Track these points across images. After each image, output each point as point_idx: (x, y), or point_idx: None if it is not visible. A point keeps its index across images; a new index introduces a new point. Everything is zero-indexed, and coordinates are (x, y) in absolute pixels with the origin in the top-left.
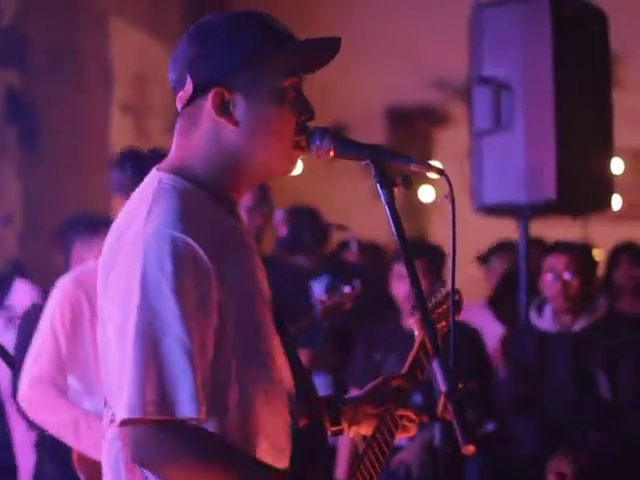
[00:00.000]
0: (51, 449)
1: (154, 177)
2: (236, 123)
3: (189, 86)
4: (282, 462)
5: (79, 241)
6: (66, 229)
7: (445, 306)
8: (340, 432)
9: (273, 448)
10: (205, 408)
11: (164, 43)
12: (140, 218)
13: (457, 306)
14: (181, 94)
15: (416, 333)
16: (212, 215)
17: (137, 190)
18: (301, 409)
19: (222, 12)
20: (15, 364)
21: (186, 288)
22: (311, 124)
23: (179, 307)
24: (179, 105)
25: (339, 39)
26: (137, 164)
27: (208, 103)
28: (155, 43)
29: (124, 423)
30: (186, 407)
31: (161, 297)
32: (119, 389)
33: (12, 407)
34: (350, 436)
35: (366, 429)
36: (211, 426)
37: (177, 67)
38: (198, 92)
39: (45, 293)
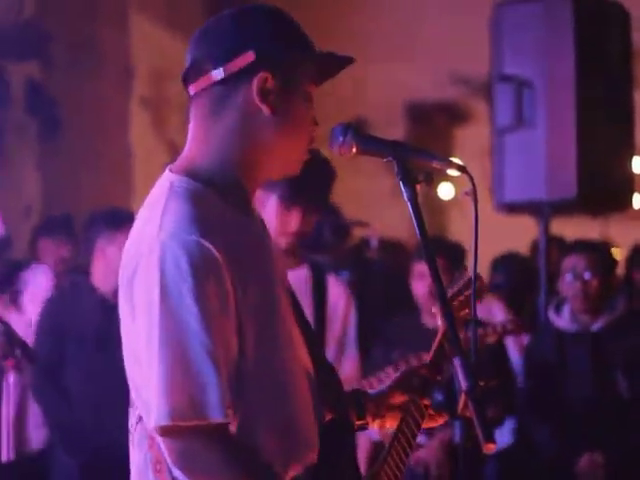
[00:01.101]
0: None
1: (166, 179)
2: (274, 111)
3: (248, 59)
4: (310, 458)
5: (102, 236)
6: (89, 224)
7: (467, 293)
8: (365, 426)
9: (300, 445)
10: (231, 411)
11: (183, 38)
12: (154, 225)
13: (479, 293)
14: (214, 73)
15: (439, 322)
16: (225, 216)
17: (151, 192)
18: (326, 404)
19: (267, 5)
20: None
21: (206, 291)
22: (331, 121)
23: (201, 311)
24: (203, 83)
25: (352, 59)
26: None
27: (249, 85)
28: (174, 38)
29: (159, 432)
30: (215, 411)
31: (182, 302)
32: (149, 398)
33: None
34: (375, 430)
35: (391, 422)
36: (235, 426)
37: (218, 41)
38: (243, 72)
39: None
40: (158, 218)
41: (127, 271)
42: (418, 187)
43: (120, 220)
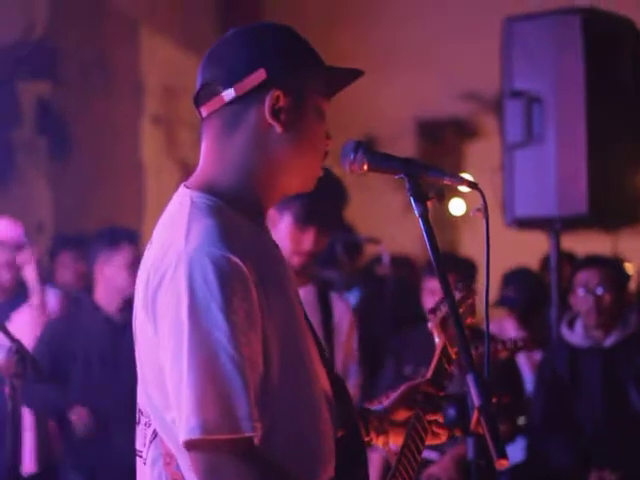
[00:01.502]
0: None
1: (184, 195)
2: (285, 129)
3: (260, 76)
4: (329, 474)
5: (100, 256)
6: (90, 244)
7: (462, 308)
8: (369, 443)
9: (320, 461)
10: (260, 424)
11: (195, 55)
12: (179, 239)
13: (471, 309)
14: (225, 93)
15: (436, 339)
16: (246, 231)
17: (168, 209)
18: (338, 420)
19: (277, 23)
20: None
21: (234, 305)
22: (341, 137)
23: (229, 326)
24: (215, 104)
25: (362, 72)
26: None
27: (260, 104)
28: (186, 55)
29: (188, 446)
30: (246, 425)
31: (210, 316)
32: (178, 412)
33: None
34: (379, 446)
35: (394, 438)
36: (262, 441)
37: (228, 61)
38: (254, 91)
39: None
40: (183, 232)
41: (149, 284)
42: (429, 204)
43: (117, 239)
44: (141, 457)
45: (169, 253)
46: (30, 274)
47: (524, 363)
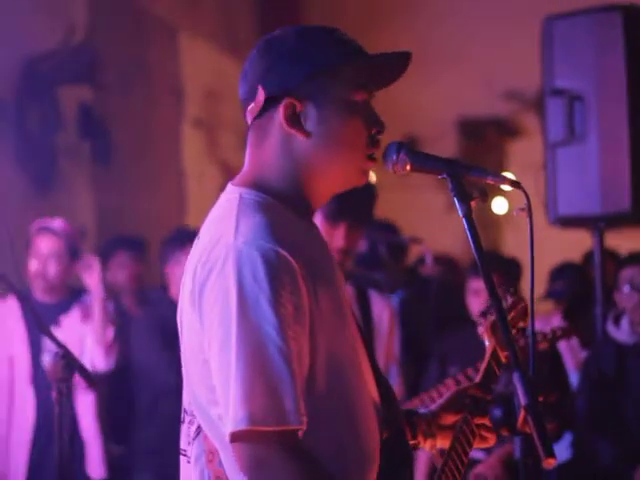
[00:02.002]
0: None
1: (233, 192)
2: (307, 134)
3: (261, 97)
4: (372, 475)
5: (171, 257)
6: (163, 246)
7: (513, 313)
8: (416, 446)
9: (362, 462)
10: (306, 419)
11: (235, 58)
12: (228, 233)
13: (525, 313)
14: (252, 106)
15: (486, 343)
16: (296, 227)
17: (217, 205)
18: (384, 420)
19: (292, 26)
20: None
21: (282, 298)
22: (382, 138)
23: (277, 317)
24: (249, 118)
25: (409, 53)
26: None
27: (279, 114)
28: (226, 58)
29: (235, 438)
30: (293, 417)
31: (259, 309)
32: (225, 405)
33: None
34: (426, 449)
35: (442, 442)
36: (306, 437)
37: (247, 79)
38: (269, 103)
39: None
40: (233, 226)
41: (196, 278)
42: (473, 204)
43: (183, 240)
44: (185, 456)
45: (218, 247)
46: (93, 281)
47: (569, 360)
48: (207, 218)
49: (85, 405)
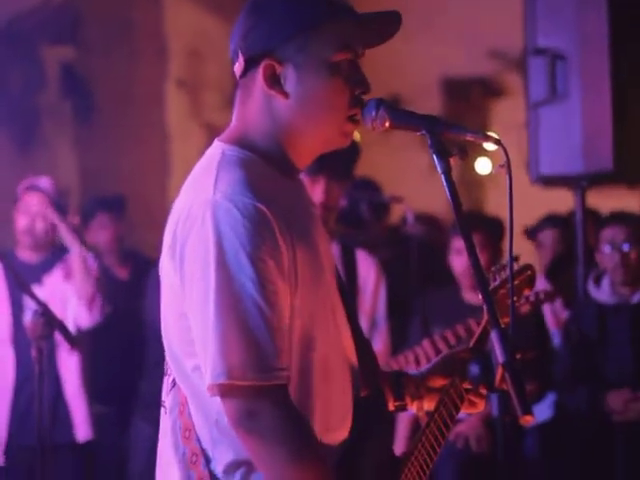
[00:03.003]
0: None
1: (216, 148)
2: (287, 95)
3: (241, 58)
4: (341, 433)
5: None
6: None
7: (520, 279)
8: (403, 407)
9: (332, 417)
10: (288, 373)
11: (220, 17)
12: (208, 188)
13: (530, 281)
14: (236, 66)
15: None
16: (277, 183)
17: (200, 162)
18: (362, 380)
19: None
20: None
21: (262, 252)
22: (366, 97)
23: (256, 272)
24: (237, 76)
25: (398, 14)
26: None
27: (260, 75)
28: (210, 17)
29: (216, 391)
30: (273, 372)
31: (237, 263)
32: (204, 358)
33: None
34: (413, 411)
35: (429, 404)
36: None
37: (234, 39)
38: (251, 64)
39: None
40: (212, 182)
41: (177, 234)
42: (452, 160)
43: None
44: (163, 407)
45: (197, 202)
46: (66, 234)
47: (551, 321)
48: (190, 174)
49: (69, 366)
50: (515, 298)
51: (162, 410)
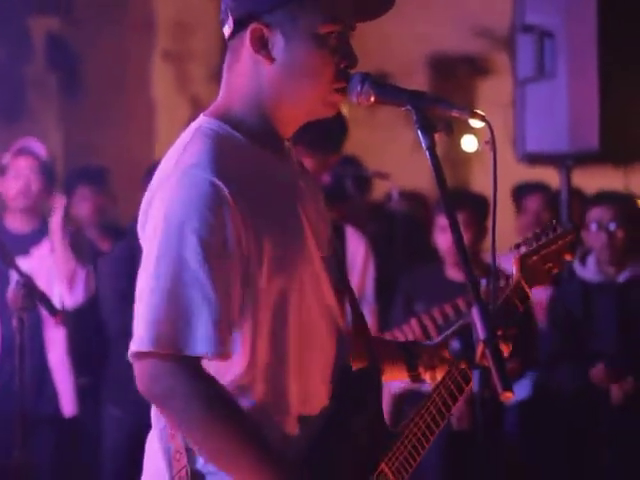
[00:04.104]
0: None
1: (197, 122)
2: (272, 60)
3: (230, 19)
4: (315, 403)
5: None
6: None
7: (560, 243)
8: (417, 378)
9: (311, 385)
10: (226, 349)
11: None
12: (172, 161)
13: (572, 246)
14: (225, 27)
15: (513, 274)
16: (251, 159)
17: (182, 133)
18: (356, 352)
19: None
20: (46, 298)
21: (209, 228)
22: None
23: (201, 246)
24: (226, 38)
25: None
26: None
27: (247, 38)
28: None
29: (136, 358)
30: (200, 345)
31: (182, 235)
32: (135, 325)
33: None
34: (427, 381)
35: (442, 374)
36: (237, 361)
37: (224, 0)
38: (239, 26)
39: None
40: (178, 154)
41: (144, 205)
42: (437, 136)
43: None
44: None
45: (159, 174)
46: (55, 221)
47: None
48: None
49: (54, 338)
50: (551, 264)
51: None
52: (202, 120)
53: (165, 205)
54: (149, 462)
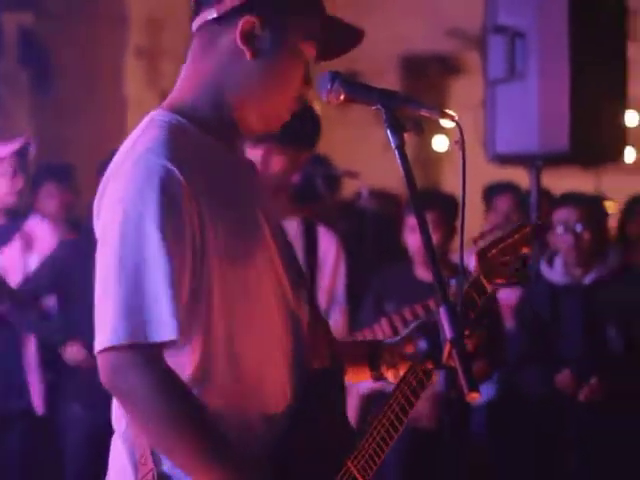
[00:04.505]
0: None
1: (150, 115)
2: (255, 55)
3: (222, 5)
4: (278, 400)
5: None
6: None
7: (516, 236)
8: (380, 377)
9: (269, 381)
10: (182, 335)
11: None
12: (124, 150)
13: (528, 238)
14: (206, 12)
15: (472, 268)
16: (204, 152)
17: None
18: (315, 351)
19: None
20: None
21: (165, 214)
22: (325, 68)
23: (160, 233)
24: (199, 23)
25: (362, 33)
26: None
27: (236, 27)
28: None
29: (102, 350)
30: (162, 330)
31: (141, 225)
32: (98, 320)
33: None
34: (390, 380)
35: (404, 372)
36: (193, 352)
37: None
38: (231, 14)
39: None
40: (131, 143)
41: (98, 195)
42: (406, 135)
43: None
44: None
45: (114, 162)
46: None
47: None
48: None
49: (26, 337)
50: (509, 257)
51: None
52: (154, 114)
53: (122, 195)
54: (114, 462)
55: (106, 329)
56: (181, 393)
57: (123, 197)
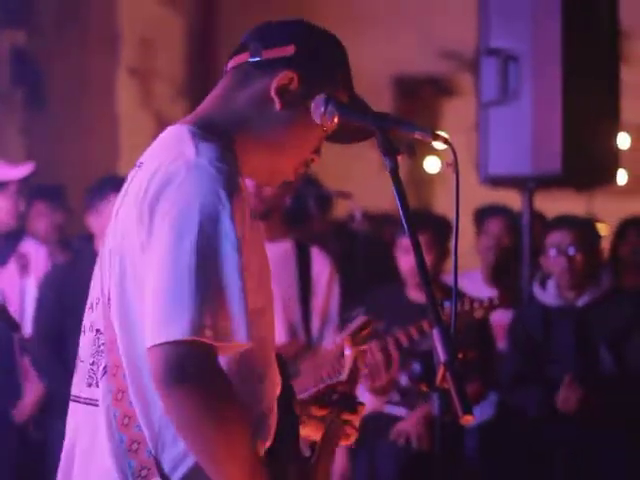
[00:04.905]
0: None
1: (181, 128)
2: (283, 108)
3: (288, 50)
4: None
5: (91, 207)
6: (85, 197)
7: (362, 334)
8: None
9: (265, 407)
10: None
11: (172, 7)
12: (188, 151)
13: (365, 339)
14: (268, 51)
15: (346, 351)
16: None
17: (159, 139)
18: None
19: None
20: (19, 327)
21: (237, 220)
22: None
23: (235, 235)
24: (239, 61)
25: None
26: None
27: (274, 77)
28: (164, 6)
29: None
30: (238, 333)
31: (220, 225)
32: (165, 313)
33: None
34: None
35: (310, 431)
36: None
37: (275, 30)
38: (276, 62)
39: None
40: (191, 147)
41: (147, 196)
42: (400, 158)
43: (104, 190)
44: (89, 401)
45: (175, 163)
46: None
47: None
48: (147, 151)
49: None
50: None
51: (85, 406)
52: (189, 127)
53: (197, 195)
54: (85, 471)
55: (182, 321)
56: (234, 400)
57: (202, 199)
